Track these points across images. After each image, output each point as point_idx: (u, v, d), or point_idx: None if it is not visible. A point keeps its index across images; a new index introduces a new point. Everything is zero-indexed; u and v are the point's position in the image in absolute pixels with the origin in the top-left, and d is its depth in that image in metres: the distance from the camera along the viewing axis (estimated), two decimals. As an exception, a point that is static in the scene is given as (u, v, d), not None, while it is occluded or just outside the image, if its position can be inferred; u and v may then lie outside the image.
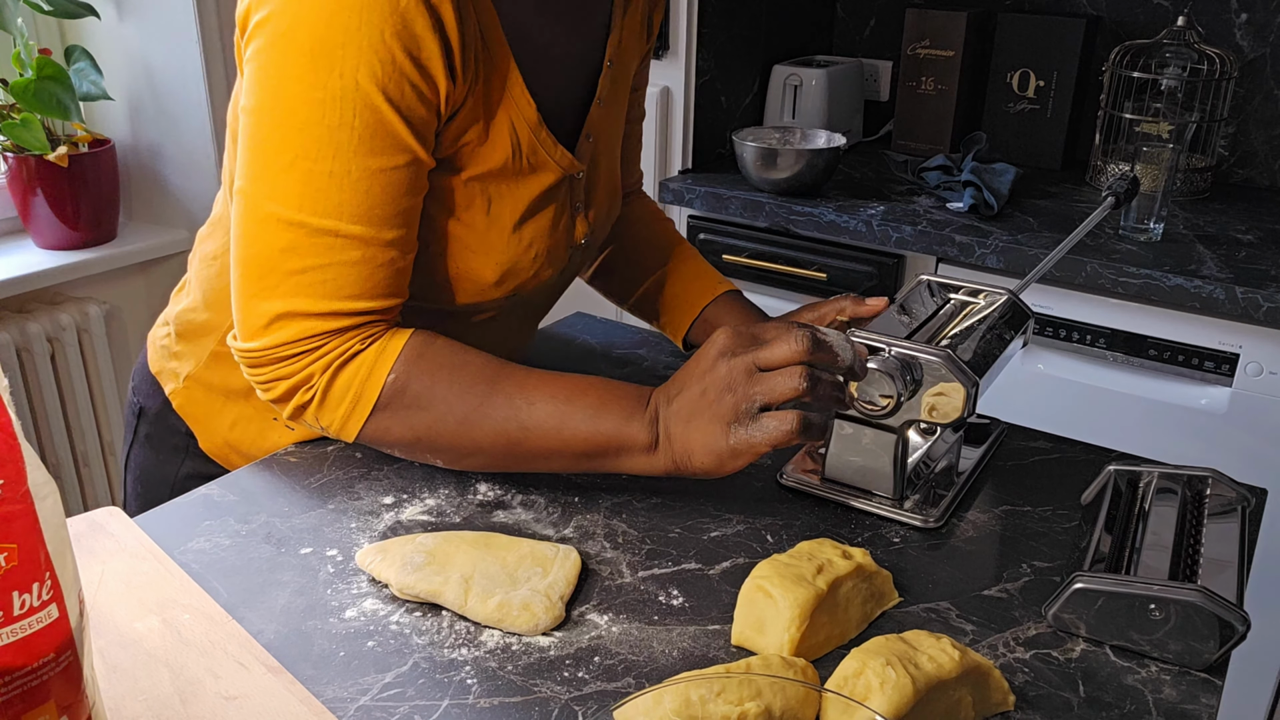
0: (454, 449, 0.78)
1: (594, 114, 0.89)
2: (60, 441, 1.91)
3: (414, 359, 0.76)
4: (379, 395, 0.76)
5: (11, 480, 0.44)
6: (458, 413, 0.76)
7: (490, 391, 0.76)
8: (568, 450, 0.76)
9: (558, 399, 0.75)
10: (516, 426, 0.75)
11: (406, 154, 0.74)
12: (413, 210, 0.77)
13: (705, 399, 0.72)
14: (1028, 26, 1.99)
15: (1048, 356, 1.66)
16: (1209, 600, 0.63)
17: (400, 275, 0.78)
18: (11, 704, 0.45)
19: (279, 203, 0.73)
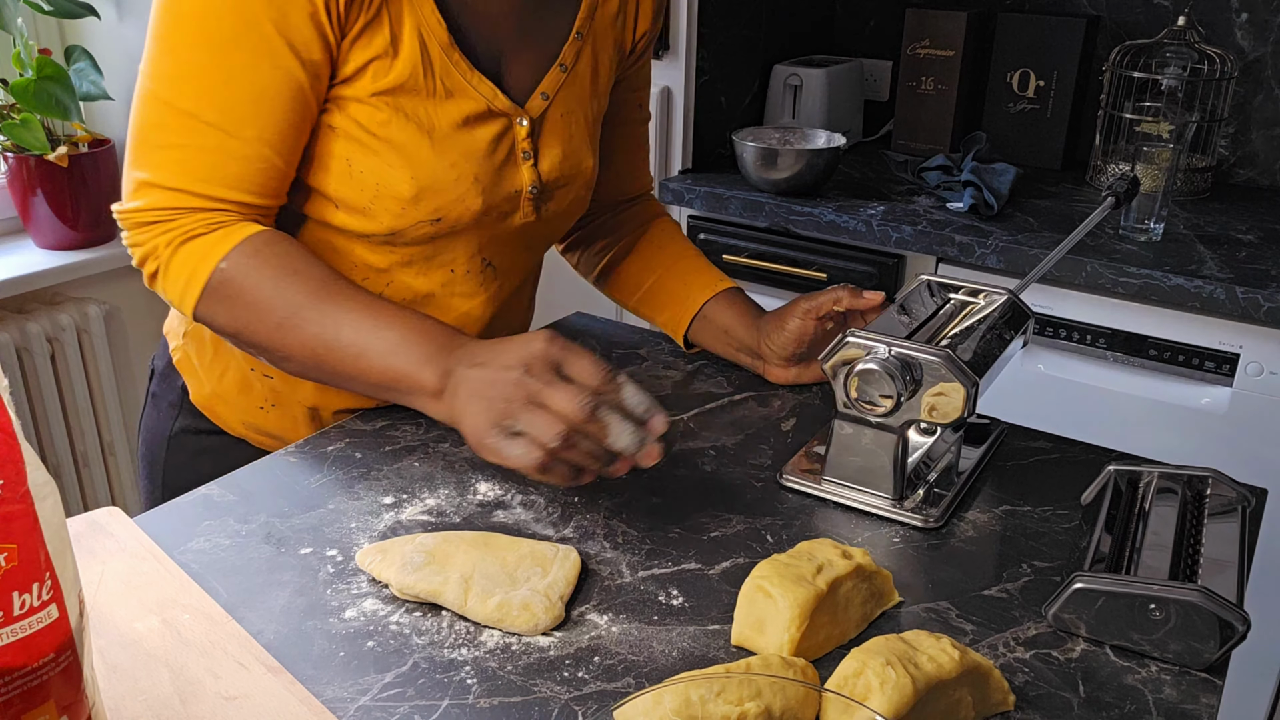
0: (269, 350, 0.83)
1: (553, 76, 0.93)
2: (60, 441, 1.91)
3: (249, 254, 0.81)
4: (207, 280, 0.81)
5: (11, 480, 0.44)
6: (274, 317, 0.81)
7: (307, 304, 0.80)
8: (364, 378, 0.80)
9: (363, 327, 0.79)
10: (322, 344, 0.80)
11: (277, 59, 0.80)
12: (281, 120, 0.82)
13: (490, 390, 0.73)
14: (1028, 26, 1.99)
15: (1048, 356, 1.66)
16: (1209, 600, 0.63)
17: (261, 175, 0.83)
18: (11, 704, 0.45)
19: (156, 81, 0.81)
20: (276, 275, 0.81)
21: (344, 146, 0.86)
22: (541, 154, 0.94)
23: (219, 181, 0.81)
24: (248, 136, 0.81)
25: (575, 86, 0.96)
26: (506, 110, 0.90)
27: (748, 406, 0.99)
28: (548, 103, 0.93)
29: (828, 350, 0.80)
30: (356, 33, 0.82)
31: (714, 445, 0.92)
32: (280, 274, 0.81)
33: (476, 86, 0.88)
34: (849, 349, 0.79)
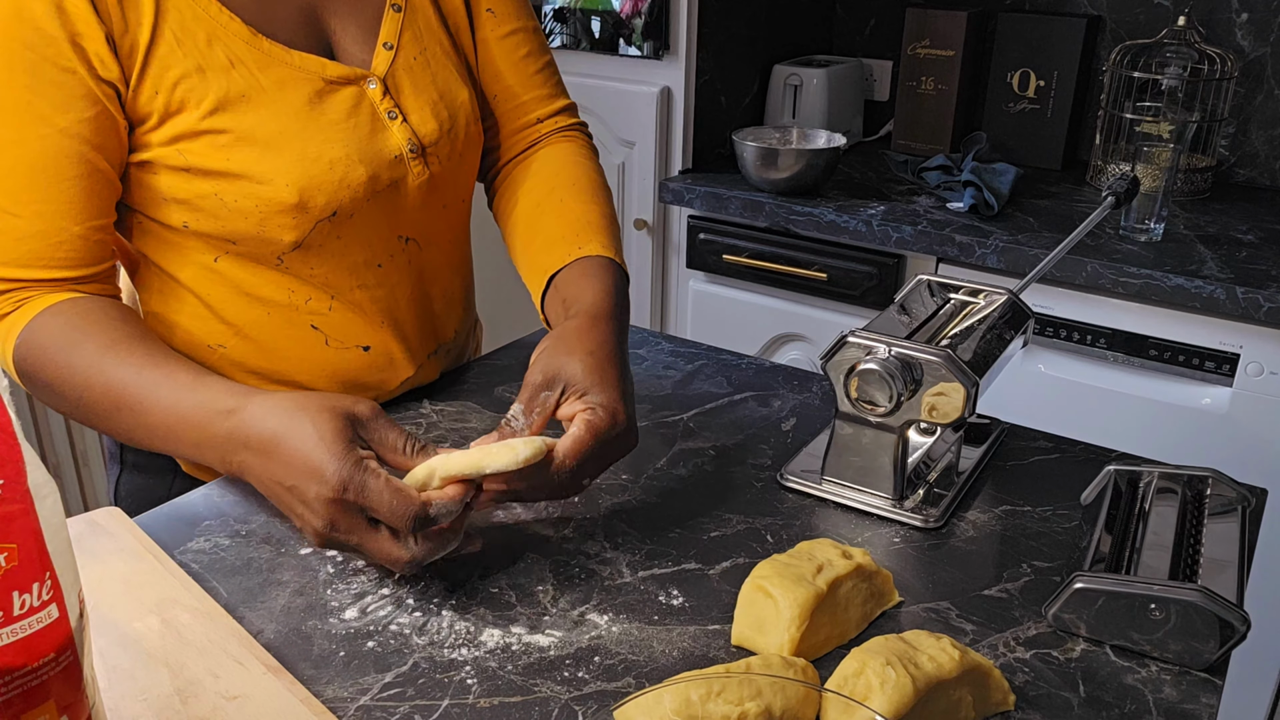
0: (86, 420, 0.79)
1: (389, 21, 0.89)
2: (60, 441, 1.91)
3: (36, 331, 0.78)
4: (13, 360, 0.79)
5: (11, 480, 0.44)
6: (66, 404, 0.79)
7: (82, 399, 0.77)
8: (165, 445, 0.75)
9: (138, 411, 0.75)
10: (114, 431, 0.77)
11: (46, 123, 0.76)
12: (67, 184, 0.78)
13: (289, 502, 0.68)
14: (1028, 26, 1.99)
15: (1048, 356, 1.66)
16: (1209, 600, 0.63)
17: (59, 248, 0.79)
18: (11, 704, 0.45)
19: None
20: (50, 371, 0.77)
21: (207, 185, 0.81)
22: (408, 109, 0.89)
23: (12, 263, 0.78)
24: (31, 213, 0.77)
25: (417, 21, 0.90)
26: (346, 76, 0.85)
27: (748, 406, 0.99)
28: (393, 51, 0.88)
29: (828, 350, 0.80)
30: (140, 67, 0.79)
31: (714, 445, 0.92)
32: (50, 371, 0.77)
33: (300, 64, 0.83)
34: (849, 349, 0.79)
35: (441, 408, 0.97)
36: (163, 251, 0.87)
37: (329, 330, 0.91)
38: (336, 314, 0.90)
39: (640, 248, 2.05)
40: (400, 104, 0.88)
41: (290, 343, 0.90)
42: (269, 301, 0.88)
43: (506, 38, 0.98)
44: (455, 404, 0.98)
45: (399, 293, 0.93)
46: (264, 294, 0.88)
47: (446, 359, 1.03)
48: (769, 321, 1.89)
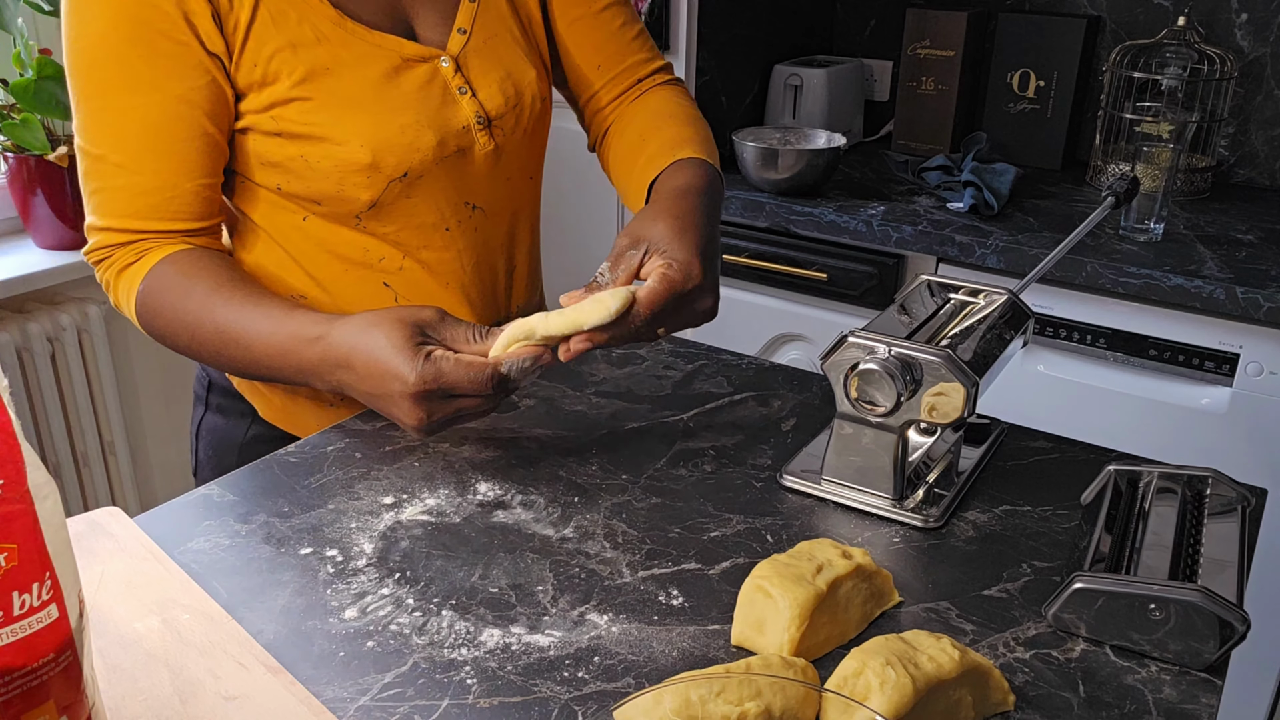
0: (194, 354, 0.89)
1: (464, 10, 0.97)
2: (60, 441, 1.91)
3: (154, 280, 0.88)
4: (135, 305, 0.90)
5: (11, 480, 0.44)
6: (180, 343, 0.89)
7: (195, 329, 0.87)
8: (269, 376, 0.86)
9: (242, 345, 0.85)
10: (226, 362, 0.88)
11: (163, 88, 0.85)
12: (181, 143, 0.87)
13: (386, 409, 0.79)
14: (1028, 26, 1.99)
15: (1048, 356, 1.66)
16: (1209, 600, 0.63)
17: (173, 203, 0.88)
18: (11, 704, 0.45)
19: (76, 132, 0.88)
20: (171, 308, 0.88)
21: (294, 148, 0.90)
22: (477, 85, 0.97)
23: (134, 215, 0.88)
24: (151, 169, 0.87)
25: (490, 11, 0.99)
26: (422, 55, 0.94)
27: (748, 406, 0.99)
28: (466, 35, 0.97)
29: (828, 350, 0.80)
30: (242, 42, 0.87)
31: (714, 445, 0.92)
32: (173, 306, 0.87)
33: (380, 43, 0.92)
34: (849, 349, 0.79)
35: (441, 408, 0.97)
36: (260, 210, 0.96)
37: (399, 288, 0.99)
38: (407, 273, 0.98)
39: (640, 248, 2.04)
40: (470, 80, 0.96)
41: (363, 298, 0.98)
42: (347, 259, 0.97)
43: (602, 12, 1.06)
44: (455, 404, 0.98)
45: (465, 258, 1.01)
46: (344, 252, 0.97)
47: None
48: (769, 321, 1.89)
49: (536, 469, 0.87)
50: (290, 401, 1.03)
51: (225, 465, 1.05)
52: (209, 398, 1.08)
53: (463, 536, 0.78)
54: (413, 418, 0.77)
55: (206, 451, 1.09)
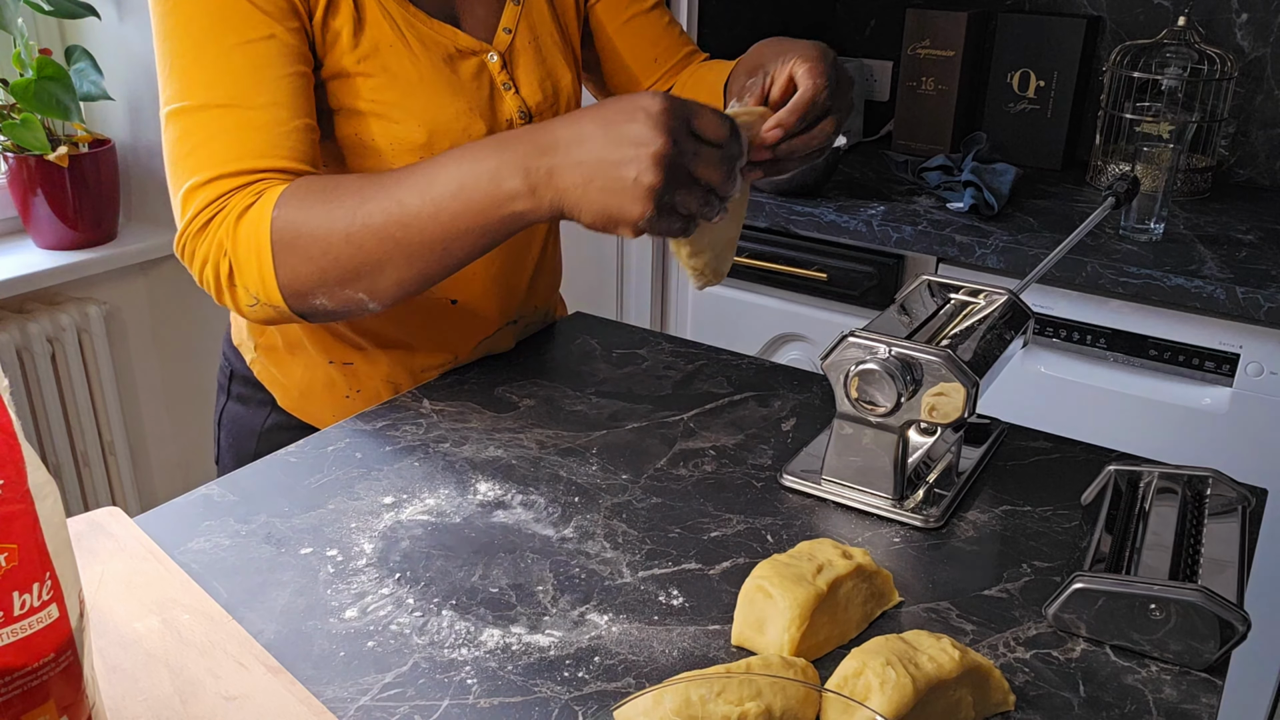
0: (359, 270, 0.80)
1: (509, 11, 0.99)
2: (60, 441, 1.91)
3: (290, 194, 0.81)
4: (270, 235, 0.80)
5: (11, 480, 0.44)
6: (340, 231, 0.79)
7: (361, 203, 0.79)
8: (455, 233, 0.77)
9: (420, 186, 0.78)
10: (397, 227, 0.78)
11: (261, 28, 0.83)
12: (285, 80, 0.84)
13: (621, 168, 0.71)
14: (1028, 26, 1.99)
15: (1048, 356, 1.66)
16: (1209, 600, 0.63)
17: (285, 138, 0.84)
18: (11, 704, 0.45)
19: (168, 103, 0.84)
20: (323, 197, 0.80)
21: (348, 126, 0.91)
22: (520, 82, 0.99)
23: (248, 154, 0.82)
24: (260, 104, 0.83)
25: (531, 14, 1.01)
26: (473, 48, 0.95)
27: (748, 406, 0.99)
28: (511, 35, 0.98)
29: (828, 350, 0.80)
30: (323, 11, 0.87)
31: (714, 445, 0.92)
32: (324, 194, 0.80)
33: (438, 32, 0.93)
34: (849, 349, 0.79)
35: (442, 407, 0.98)
36: None
37: None
38: None
39: (640, 247, 2.05)
40: (514, 77, 0.99)
41: None
42: None
43: (651, 10, 1.10)
44: (455, 404, 0.98)
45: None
46: None
47: (523, 331, 1.12)
48: (769, 321, 1.89)
49: (536, 469, 0.87)
50: (308, 390, 1.04)
51: (244, 453, 1.06)
52: (231, 386, 1.09)
53: (463, 536, 0.78)
54: (655, 143, 0.70)
55: (228, 440, 1.10)
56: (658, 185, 0.70)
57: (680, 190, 0.72)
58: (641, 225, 0.72)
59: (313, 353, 1.02)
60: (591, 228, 0.74)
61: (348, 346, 1.01)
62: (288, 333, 1.03)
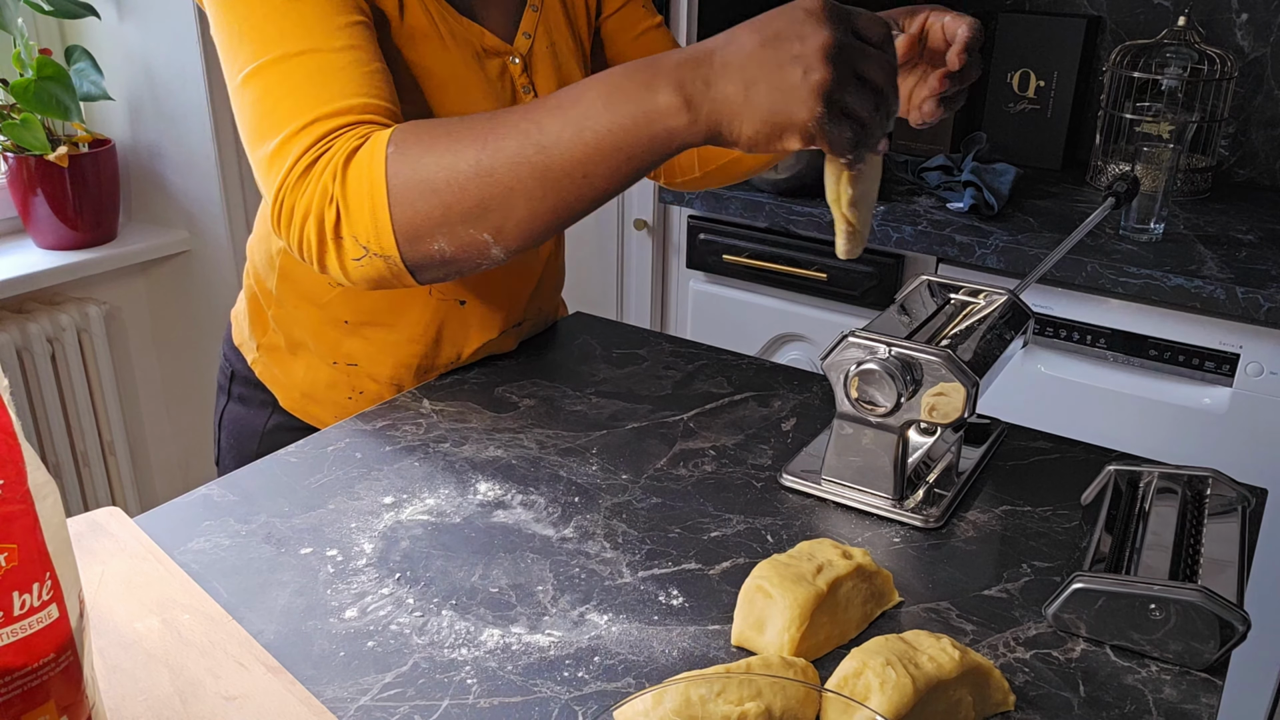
0: (487, 203, 0.73)
1: (528, 16, 0.98)
2: (60, 441, 1.91)
3: (405, 130, 0.76)
4: (386, 171, 0.74)
5: (11, 480, 0.44)
6: (469, 159, 0.73)
7: (491, 130, 0.73)
8: (598, 154, 0.71)
9: (564, 105, 0.72)
10: (534, 150, 0.72)
11: None
12: (356, 26, 0.80)
13: (781, 54, 0.66)
14: (1028, 26, 1.99)
15: (1048, 356, 1.66)
16: (1209, 600, 0.63)
17: (367, 78, 0.79)
18: (11, 704, 0.45)
19: (243, 66, 0.79)
20: (445, 129, 0.75)
21: None
22: (538, 87, 0.99)
23: (338, 95, 0.77)
24: (338, 47, 0.78)
25: (549, 20, 1.01)
26: (497, 49, 0.95)
27: (748, 406, 0.99)
28: (531, 40, 0.98)
29: (828, 350, 0.80)
30: None
31: (714, 445, 0.92)
32: (446, 127, 0.75)
33: (468, 28, 0.93)
34: (849, 349, 0.79)
35: (442, 408, 0.98)
36: None
37: None
38: None
39: (640, 248, 2.05)
40: (533, 81, 0.98)
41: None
42: None
43: (659, 26, 1.11)
44: (455, 404, 0.98)
45: None
46: None
47: (526, 333, 1.13)
48: (769, 321, 1.90)
49: (536, 469, 0.87)
50: (310, 391, 1.04)
51: (246, 454, 1.06)
52: (231, 387, 1.09)
53: (463, 536, 0.78)
54: (821, 34, 0.65)
55: (229, 440, 1.10)
56: (827, 80, 0.65)
57: (850, 90, 0.67)
58: (812, 128, 0.67)
59: (316, 353, 1.02)
60: (753, 142, 0.69)
61: (351, 347, 1.01)
62: (291, 333, 1.02)
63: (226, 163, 1.93)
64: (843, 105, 0.67)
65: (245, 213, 1.98)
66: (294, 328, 1.02)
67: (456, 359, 1.05)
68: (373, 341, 1.01)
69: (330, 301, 0.99)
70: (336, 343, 1.01)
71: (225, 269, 1.99)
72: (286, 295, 1.01)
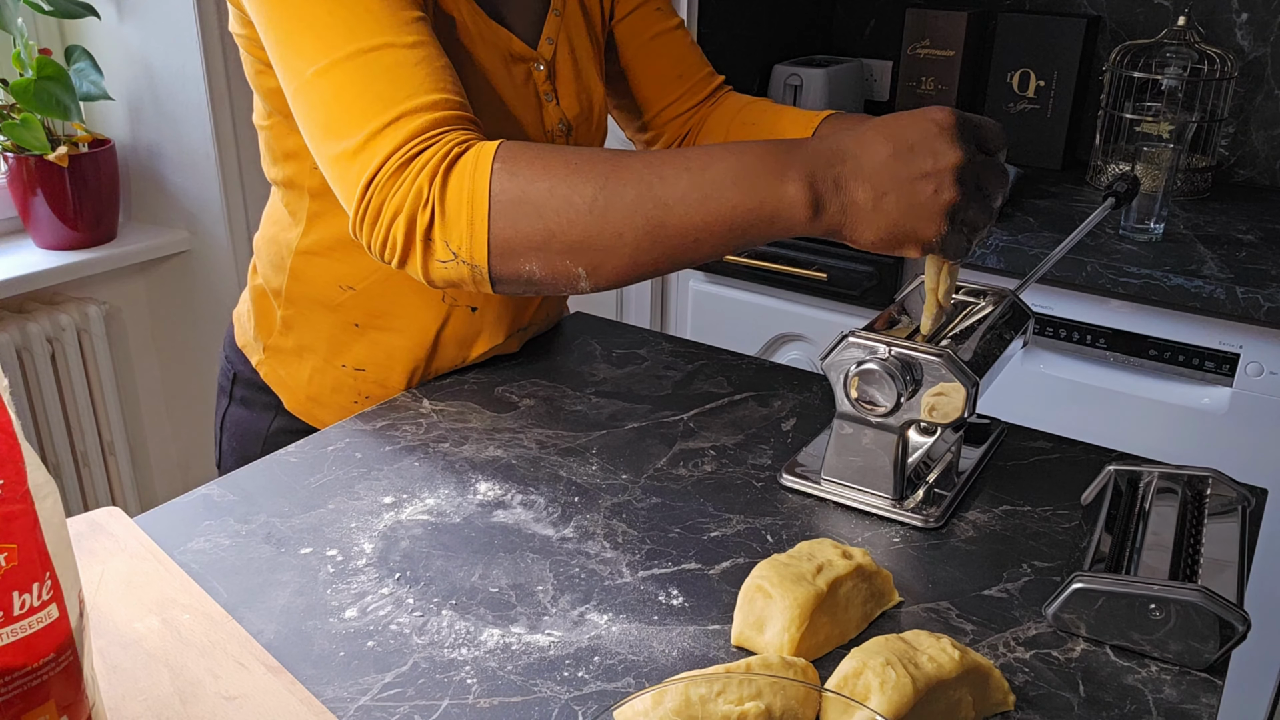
0: (592, 241, 0.72)
1: (550, 21, 0.98)
2: (60, 441, 1.91)
3: (515, 149, 0.74)
4: (490, 187, 0.72)
5: (11, 480, 0.44)
6: (585, 194, 0.72)
7: (613, 171, 0.72)
8: (717, 225, 0.71)
9: (693, 169, 0.71)
10: (654, 204, 0.71)
11: None
12: (420, 21, 0.78)
13: (917, 184, 0.68)
14: (1028, 26, 1.99)
15: (1048, 356, 1.66)
16: (1209, 600, 0.63)
17: (443, 74, 0.77)
18: (11, 704, 0.45)
19: (310, 61, 0.76)
20: (562, 158, 0.73)
21: None
22: (560, 93, 0.99)
23: (420, 90, 0.75)
24: (410, 42, 0.76)
25: (570, 26, 1.00)
26: (523, 55, 0.95)
27: (748, 406, 0.99)
28: (554, 46, 0.98)
29: (828, 350, 0.80)
30: None
31: (714, 445, 0.92)
32: (563, 155, 0.74)
33: (495, 34, 0.92)
34: (849, 349, 0.79)
35: (442, 407, 0.98)
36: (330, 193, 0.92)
37: None
38: None
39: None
40: (556, 87, 0.99)
41: (412, 293, 0.98)
42: None
43: (677, 29, 1.11)
44: (455, 404, 0.98)
45: None
46: None
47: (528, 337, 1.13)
48: (769, 321, 1.90)
49: (536, 469, 0.87)
50: (316, 394, 1.03)
51: (249, 457, 1.05)
52: (233, 390, 1.09)
53: (463, 536, 0.78)
54: (953, 153, 0.68)
55: (230, 444, 1.10)
56: (956, 200, 0.68)
57: (973, 205, 0.69)
58: (933, 244, 0.69)
59: (324, 356, 1.02)
60: (870, 247, 0.70)
61: (360, 351, 1.01)
62: (300, 335, 1.02)
63: (226, 163, 1.93)
64: (964, 221, 0.70)
65: (245, 213, 1.98)
66: (303, 330, 1.02)
67: (461, 362, 1.05)
68: (380, 346, 1.00)
69: (342, 304, 0.99)
70: (346, 346, 1.01)
71: (225, 269, 1.99)
72: (296, 297, 1.01)
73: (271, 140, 0.95)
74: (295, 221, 0.98)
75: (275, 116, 0.93)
